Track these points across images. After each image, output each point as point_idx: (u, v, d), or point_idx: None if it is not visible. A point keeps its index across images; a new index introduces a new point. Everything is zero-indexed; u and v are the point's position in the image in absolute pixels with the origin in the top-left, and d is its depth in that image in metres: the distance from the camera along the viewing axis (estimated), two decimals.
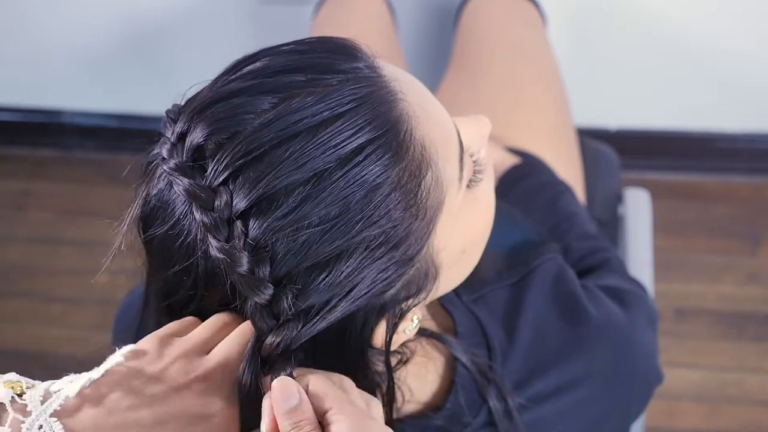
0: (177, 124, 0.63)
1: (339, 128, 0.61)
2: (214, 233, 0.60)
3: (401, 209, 0.62)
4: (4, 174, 2.17)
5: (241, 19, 1.92)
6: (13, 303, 1.94)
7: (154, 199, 0.64)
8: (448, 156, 0.66)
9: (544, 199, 1.12)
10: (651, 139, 2.01)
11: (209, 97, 0.63)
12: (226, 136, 0.61)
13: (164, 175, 0.63)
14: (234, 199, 0.60)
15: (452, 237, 0.68)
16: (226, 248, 0.60)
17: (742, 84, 1.90)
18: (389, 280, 0.63)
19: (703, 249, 1.92)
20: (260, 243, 0.60)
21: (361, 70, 0.64)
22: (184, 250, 0.63)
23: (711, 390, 1.73)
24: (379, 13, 1.54)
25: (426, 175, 0.64)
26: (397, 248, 0.63)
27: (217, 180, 0.60)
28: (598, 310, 0.87)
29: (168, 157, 0.62)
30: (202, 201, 0.61)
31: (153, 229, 0.64)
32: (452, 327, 0.80)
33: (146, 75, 2.04)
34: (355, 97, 0.62)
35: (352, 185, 0.61)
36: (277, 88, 0.62)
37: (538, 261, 0.88)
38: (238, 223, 0.60)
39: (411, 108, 0.64)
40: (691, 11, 1.82)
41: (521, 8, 1.47)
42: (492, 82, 1.36)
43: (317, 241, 0.60)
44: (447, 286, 0.73)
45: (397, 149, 0.62)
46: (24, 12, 1.98)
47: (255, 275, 0.60)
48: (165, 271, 0.65)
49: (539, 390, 0.81)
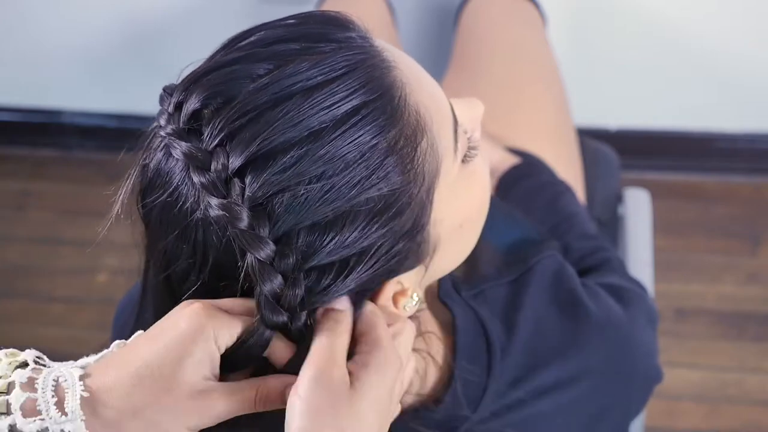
0: (173, 95, 0.64)
1: (333, 90, 0.62)
2: (212, 192, 0.61)
3: (398, 173, 0.63)
4: (4, 174, 2.17)
5: (241, 19, 1.92)
6: (13, 303, 1.94)
7: (152, 169, 0.65)
8: (442, 125, 0.67)
9: (544, 199, 1.12)
10: (651, 139, 2.01)
11: (205, 68, 0.65)
12: (222, 101, 0.62)
13: (162, 143, 0.64)
14: (230, 158, 0.61)
15: (450, 209, 0.68)
16: (224, 204, 0.61)
17: (742, 84, 1.90)
18: (392, 249, 0.64)
19: (703, 249, 1.92)
20: (259, 198, 0.61)
21: (354, 40, 0.65)
22: (183, 216, 0.63)
23: (711, 390, 1.74)
24: (379, 13, 1.54)
25: (421, 141, 0.64)
26: (398, 215, 0.63)
27: (214, 142, 0.61)
28: (597, 306, 0.87)
29: (165, 124, 0.64)
30: (199, 162, 0.61)
31: (151, 197, 0.65)
32: (451, 321, 0.81)
33: (146, 75, 2.03)
34: (349, 63, 0.63)
35: (348, 144, 0.61)
36: (272, 56, 0.64)
37: (538, 258, 0.89)
38: (235, 180, 0.61)
39: (404, 75, 0.65)
40: (691, 11, 1.82)
41: (521, 8, 1.47)
42: (492, 82, 1.36)
43: (316, 200, 0.61)
44: (445, 265, 0.74)
45: (392, 113, 0.63)
46: (24, 12, 1.99)
47: (255, 231, 0.60)
48: (164, 240, 0.65)
49: (538, 385, 0.82)
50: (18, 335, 1.88)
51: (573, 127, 1.37)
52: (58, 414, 0.59)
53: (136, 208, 0.67)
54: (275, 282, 0.61)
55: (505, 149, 1.24)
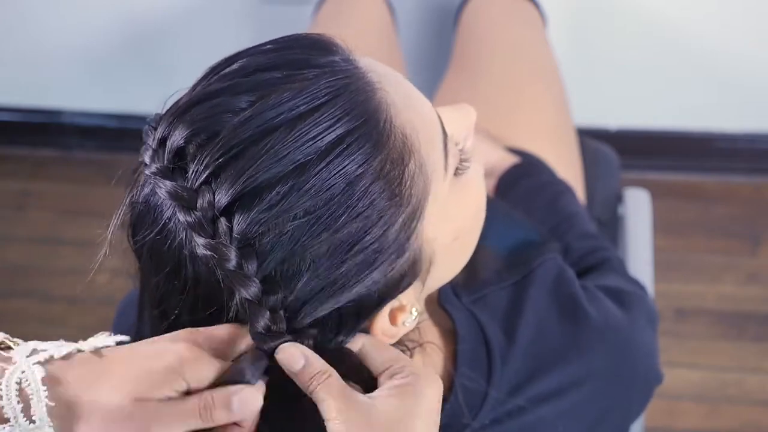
0: (157, 130, 0.63)
1: (317, 120, 0.61)
2: (199, 231, 0.61)
3: (386, 198, 0.63)
4: (4, 174, 2.17)
5: (241, 19, 1.92)
6: (13, 303, 1.94)
7: (140, 204, 0.65)
8: (431, 144, 0.66)
9: (544, 199, 1.12)
10: (651, 139, 2.01)
11: (188, 101, 0.64)
12: (206, 137, 0.61)
13: (148, 181, 0.64)
14: (216, 196, 0.60)
15: (443, 225, 0.68)
16: (212, 244, 0.60)
17: (742, 84, 1.90)
18: (382, 271, 0.64)
19: (703, 249, 1.92)
20: (246, 237, 0.60)
21: (337, 63, 0.65)
22: (172, 253, 0.63)
23: (711, 390, 1.73)
24: (379, 13, 1.54)
25: (409, 163, 0.64)
26: (386, 238, 0.63)
27: (198, 180, 0.61)
28: (597, 310, 0.87)
29: (150, 162, 0.63)
30: (184, 201, 0.61)
31: (141, 234, 0.65)
32: (452, 328, 0.80)
33: (146, 75, 2.04)
34: (332, 89, 0.63)
35: (334, 176, 0.61)
36: (255, 86, 0.63)
37: (538, 261, 0.88)
38: (222, 220, 0.60)
39: (389, 97, 0.65)
40: (691, 11, 1.82)
41: (521, 8, 1.47)
42: (492, 82, 1.36)
43: (304, 233, 0.61)
44: (444, 276, 0.74)
45: (377, 138, 0.63)
46: (24, 12, 1.98)
47: (243, 270, 0.60)
48: (156, 276, 0.65)
49: (539, 391, 0.81)
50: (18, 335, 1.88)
51: (573, 127, 1.37)
52: (26, 422, 0.58)
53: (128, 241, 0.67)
54: (264, 318, 0.61)
55: (505, 149, 1.23)
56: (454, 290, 0.83)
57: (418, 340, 0.73)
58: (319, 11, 1.56)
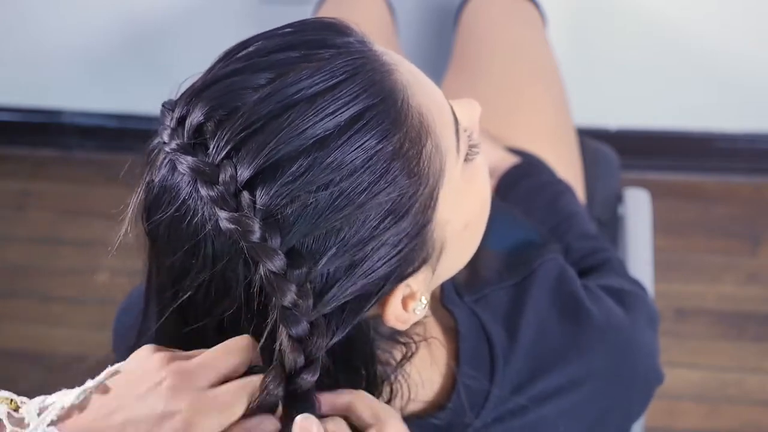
0: (175, 110, 0.64)
1: (336, 96, 0.62)
2: (222, 205, 0.61)
3: (405, 176, 0.63)
4: (4, 174, 2.17)
5: (241, 19, 1.92)
6: (13, 303, 1.94)
7: (157, 185, 0.65)
8: (445, 126, 0.67)
9: (544, 199, 1.12)
10: (651, 139, 2.01)
11: (204, 81, 0.64)
12: (225, 113, 0.62)
13: (167, 159, 0.64)
14: (238, 170, 0.61)
15: (455, 209, 0.69)
16: (235, 217, 0.60)
17: (742, 84, 1.90)
18: (401, 252, 0.64)
19: (703, 249, 1.92)
20: (269, 210, 0.61)
21: (352, 45, 0.66)
22: (192, 230, 0.63)
23: (711, 390, 1.74)
24: (379, 13, 1.54)
25: (426, 143, 0.65)
26: (405, 218, 0.64)
27: (220, 155, 0.61)
28: (599, 310, 0.87)
29: (169, 140, 0.63)
30: (206, 176, 0.61)
31: (158, 214, 0.64)
32: (454, 327, 0.81)
33: (146, 75, 2.04)
34: (349, 68, 0.63)
35: (355, 150, 0.61)
36: (273, 65, 0.63)
37: (539, 261, 0.88)
38: (245, 194, 0.61)
39: (405, 78, 0.65)
40: (691, 11, 1.82)
41: (521, 8, 1.47)
42: (492, 82, 1.36)
43: (326, 207, 0.61)
44: (451, 266, 0.74)
45: (395, 116, 0.63)
46: (24, 12, 1.99)
47: (268, 242, 0.60)
48: (172, 256, 0.65)
49: (540, 390, 0.82)
50: (18, 335, 1.88)
51: (573, 128, 1.37)
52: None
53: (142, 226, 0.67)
54: (291, 292, 0.61)
55: (505, 149, 1.24)
56: (456, 290, 0.83)
57: (423, 335, 0.74)
58: (318, 11, 1.56)
